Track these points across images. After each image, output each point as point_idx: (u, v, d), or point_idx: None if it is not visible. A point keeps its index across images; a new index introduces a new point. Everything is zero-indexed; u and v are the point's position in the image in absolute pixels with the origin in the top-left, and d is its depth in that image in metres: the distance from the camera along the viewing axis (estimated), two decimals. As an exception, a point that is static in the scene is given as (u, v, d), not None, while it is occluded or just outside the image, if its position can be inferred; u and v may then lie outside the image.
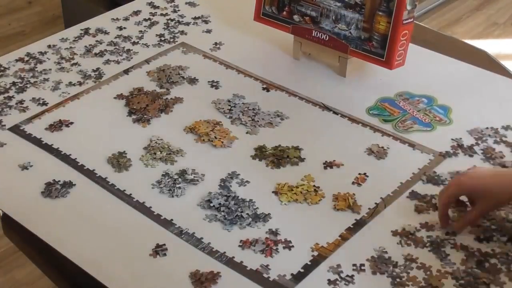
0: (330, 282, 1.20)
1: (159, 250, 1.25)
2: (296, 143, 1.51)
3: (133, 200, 1.36)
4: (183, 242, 1.27)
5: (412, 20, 1.60)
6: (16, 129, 1.56)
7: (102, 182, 1.41)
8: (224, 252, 1.25)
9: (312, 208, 1.35)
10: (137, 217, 1.33)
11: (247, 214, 1.33)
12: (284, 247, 1.26)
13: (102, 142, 1.52)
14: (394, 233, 1.29)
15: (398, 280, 1.20)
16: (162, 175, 1.42)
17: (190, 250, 1.26)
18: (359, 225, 1.31)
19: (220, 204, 1.34)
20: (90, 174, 1.43)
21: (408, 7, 1.57)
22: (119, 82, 1.72)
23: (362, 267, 1.22)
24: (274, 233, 1.29)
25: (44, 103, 1.64)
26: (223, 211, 1.32)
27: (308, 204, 1.36)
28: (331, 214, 1.34)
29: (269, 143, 1.51)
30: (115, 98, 1.65)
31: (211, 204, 1.34)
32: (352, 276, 1.21)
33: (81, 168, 1.44)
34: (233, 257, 1.24)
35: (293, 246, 1.26)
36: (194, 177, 1.41)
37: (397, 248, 1.26)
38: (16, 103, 1.65)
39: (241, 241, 1.27)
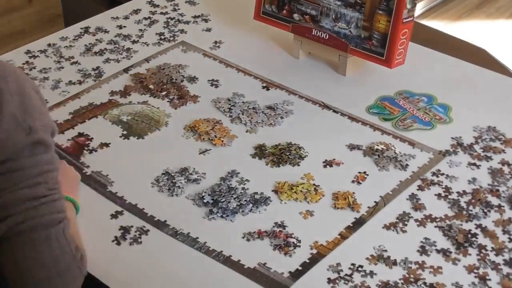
0: (330, 280, 1.20)
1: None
2: (296, 142, 1.50)
3: (125, 202, 1.36)
4: (178, 242, 1.27)
5: (412, 19, 1.60)
6: (16, 128, 1.56)
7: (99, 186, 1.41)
8: (221, 251, 1.25)
9: (312, 207, 1.35)
10: (127, 218, 1.33)
11: (245, 200, 1.33)
12: (284, 245, 1.26)
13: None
14: (391, 231, 1.29)
15: (397, 277, 1.20)
16: (162, 173, 1.42)
17: (186, 251, 1.26)
18: (358, 223, 1.31)
19: (213, 199, 1.34)
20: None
21: (408, 6, 1.57)
22: (119, 81, 1.72)
23: (362, 266, 1.22)
24: (282, 225, 1.30)
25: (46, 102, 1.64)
26: (221, 207, 1.33)
27: (308, 202, 1.36)
28: (331, 212, 1.34)
29: (269, 142, 1.51)
30: (110, 94, 1.66)
31: (205, 201, 1.34)
32: (351, 275, 1.21)
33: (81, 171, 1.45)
34: (230, 256, 1.24)
35: (298, 245, 1.27)
36: (197, 176, 1.41)
37: (397, 246, 1.26)
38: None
39: (253, 232, 1.28)
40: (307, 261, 1.23)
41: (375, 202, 1.36)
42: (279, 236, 1.28)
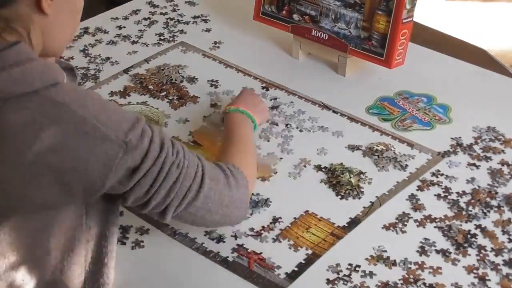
0: (329, 281, 1.20)
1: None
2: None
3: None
4: (176, 243, 1.27)
5: (411, 19, 1.60)
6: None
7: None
8: (218, 252, 1.25)
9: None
10: (127, 217, 1.32)
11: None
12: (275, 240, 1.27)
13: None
14: (391, 231, 1.29)
15: (396, 278, 1.20)
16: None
17: (184, 251, 1.26)
18: (353, 223, 1.31)
19: None
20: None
21: (408, 6, 1.57)
22: (118, 82, 1.72)
23: (360, 266, 1.22)
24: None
25: (44, 103, 1.64)
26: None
27: (307, 203, 1.36)
28: (330, 212, 1.34)
29: (268, 142, 1.51)
30: (110, 94, 1.66)
31: None
32: (350, 275, 1.21)
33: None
34: (227, 257, 1.24)
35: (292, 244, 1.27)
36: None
37: (396, 247, 1.26)
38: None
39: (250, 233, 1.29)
40: (303, 261, 1.24)
41: (370, 202, 1.36)
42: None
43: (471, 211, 1.34)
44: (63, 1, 1.05)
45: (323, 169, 1.44)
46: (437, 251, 1.25)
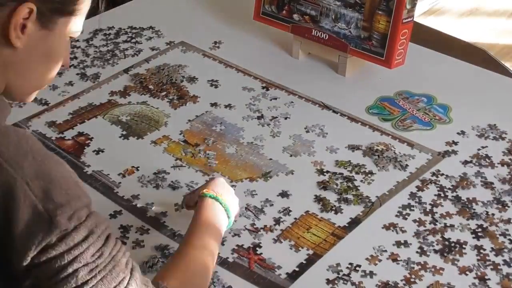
0: (329, 281, 1.20)
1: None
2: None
3: (125, 201, 1.36)
4: (177, 243, 1.27)
5: (411, 19, 1.60)
6: (15, 128, 1.56)
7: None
8: (218, 253, 1.25)
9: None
10: (127, 217, 1.33)
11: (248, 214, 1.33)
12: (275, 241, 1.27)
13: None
14: (391, 231, 1.29)
15: (396, 277, 1.20)
16: (162, 174, 1.42)
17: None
18: (354, 223, 1.31)
19: None
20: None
21: (408, 6, 1.57)
22: (118, 81, 1.72)
23: (360, 266, 1.22)
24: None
25: (46, 103, 1.64)
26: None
27: (307, 203, 1.36)
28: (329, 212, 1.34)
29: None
30: (110, 94, 1.66)
31: None
32: (349, 275, 1.21)
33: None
34: (227, 257, 1.24)
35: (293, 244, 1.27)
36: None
37: (396, 246, 1.26)
38: (16, 102, 1.65)
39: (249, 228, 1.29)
40: (304, 262, 1.24)
41: (371, 202, 1.36)
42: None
43: (471, 211, 1.34)
44: (37, 38, 0.93)
45: (323, 169, 1.44)
46: (437, 251, 1.25)
